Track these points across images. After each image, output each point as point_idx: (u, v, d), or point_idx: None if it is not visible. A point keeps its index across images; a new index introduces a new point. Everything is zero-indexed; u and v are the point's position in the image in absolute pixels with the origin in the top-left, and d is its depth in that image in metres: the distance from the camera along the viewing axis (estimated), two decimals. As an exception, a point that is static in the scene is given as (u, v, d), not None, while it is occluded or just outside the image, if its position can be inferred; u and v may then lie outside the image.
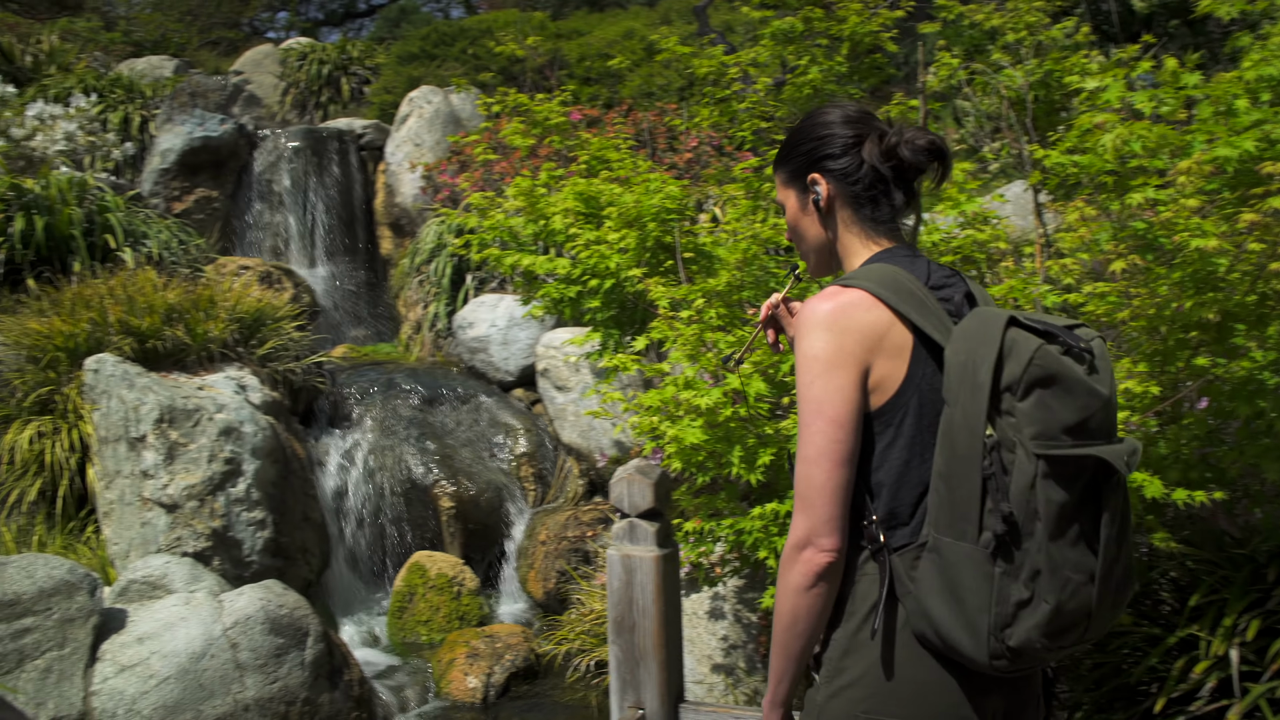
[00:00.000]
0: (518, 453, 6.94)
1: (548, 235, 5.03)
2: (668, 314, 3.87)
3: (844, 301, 1.76)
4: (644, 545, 3.28)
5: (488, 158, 6.69)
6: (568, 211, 4.90)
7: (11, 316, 6.19)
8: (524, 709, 4.97)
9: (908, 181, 1.90)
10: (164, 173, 10.13)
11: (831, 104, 1.97)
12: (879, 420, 1.76)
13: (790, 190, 1.99)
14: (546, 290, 4.95)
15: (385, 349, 9.31)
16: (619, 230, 4.55)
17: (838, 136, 1.89)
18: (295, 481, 6.00)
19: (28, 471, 5.63)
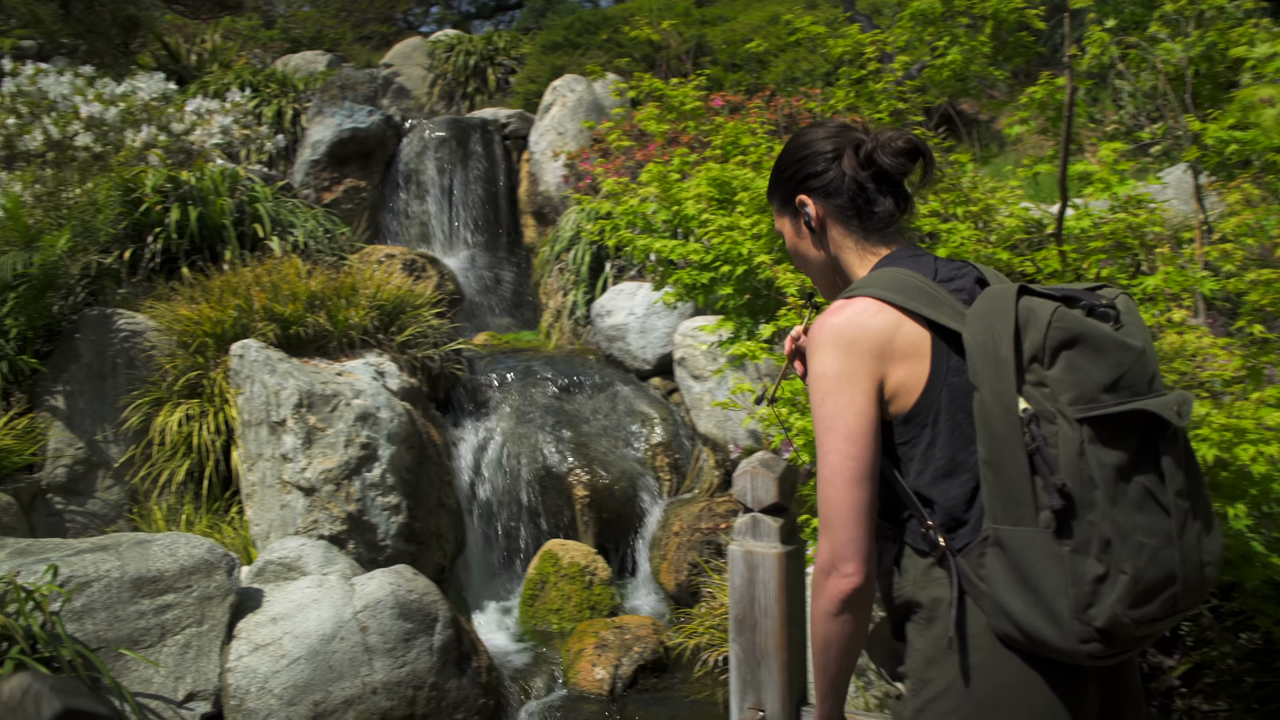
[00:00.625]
0: (653, 442, 6.87)
1: (681, 221, 4.94)
2: (796, 302, 3.73)
3: (849, 313, 1.72)
4: (767, 541, 3.17)
5: (622, 145, 6.63)
6: (700, 197, 4.81)
7: (164, 303, 6.40)
8: (650, 702, 4.90)
9: (894, 185, 1.87)
10: (314, 164, 10.40)
11: (812, 124, 1.97)
12: (911, 423, 1.70)
13: (785, 218, 2.00)
14: (679, 276, 4.86)
15: (527, 336, 9.37)
16: (751, 216, 4.43)
17: (818, 154, 1.88)
18: (431, 467, 6.05)
19: (177, 453, 5.81)
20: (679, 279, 4.85)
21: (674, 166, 5.12)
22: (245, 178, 7.82)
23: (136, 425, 5.90)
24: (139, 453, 5.91)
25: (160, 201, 7.24)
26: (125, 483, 5.92)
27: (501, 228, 10.97)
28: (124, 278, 6.94)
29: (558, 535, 6.37)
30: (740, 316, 4.74)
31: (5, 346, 5.81)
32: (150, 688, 4.17)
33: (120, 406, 5.93)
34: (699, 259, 4.70)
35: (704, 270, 4.81)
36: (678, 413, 7.06)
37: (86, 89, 8.91)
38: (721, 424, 6.57)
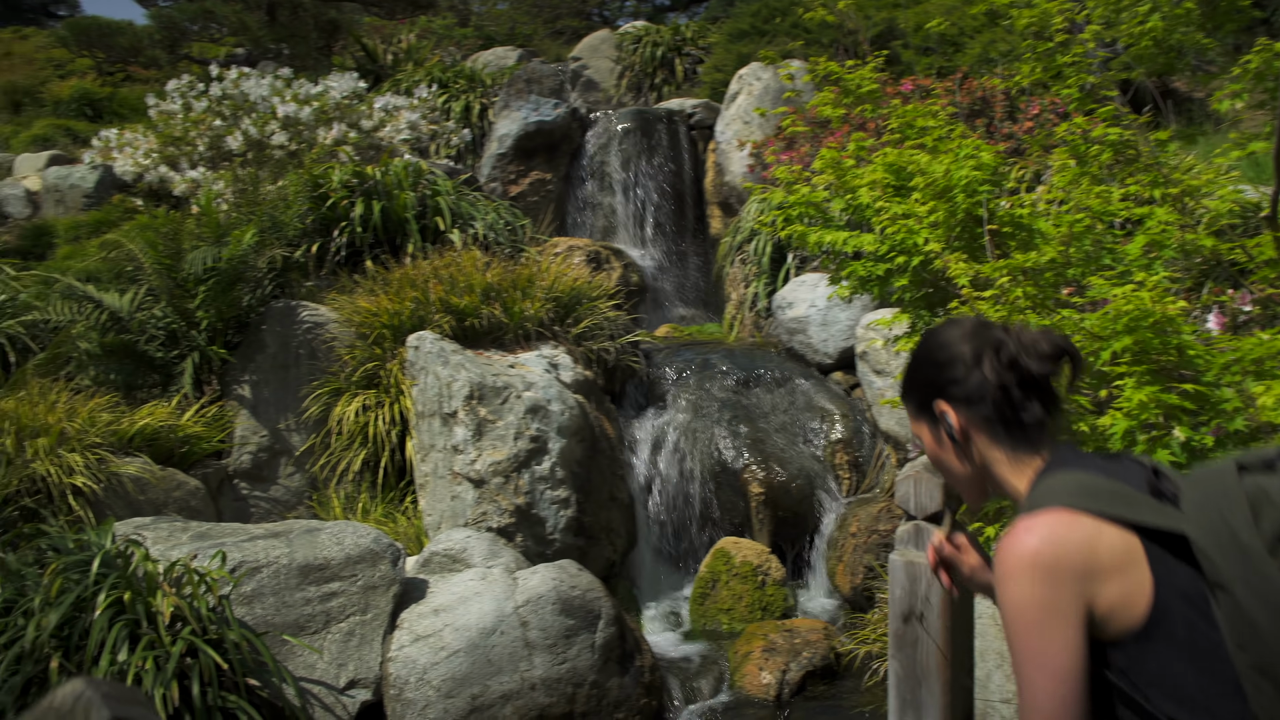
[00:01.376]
0: (833, 439, 6.62)
1: (855, 210, 4.70)
2: (970, 294, 3.45)
3: (1041, 533, 1.50)
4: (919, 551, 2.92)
5: (797, 129, 6.40)
6: (875, 184, 4.55)
7: (346, 295, 6.53)
8: (817, 711, 4.68)
9: (1042, 390, 1.71)
10: (500, 157, 10.51)
11: (949, 321, 1.82)
12: (1141, 643, 1.47)
13: (922, 423, 1.85)
14: (853, 268, 4.61)
15: (711, 329, 9.22)
16: (927, 203, 4.15)
17: (956, 358, 1.74)
18: (603, 461, 5.98)
19: (354, 442, 5.91)
20: (853, 271, 4.61)
21: (849, 152, 4.87)
22: (428, 172, 7.93)
23: (317, 414, 6.03)
24: (319, 441, 6.04)
25: (346, 196, 7.41)
26: (306, 470, 6.07)
27: (687, 219, 10.85)
28: (311, 271, 7.13)
29: (731, 533, 6.20)
30: (917, 309, 4.47)
31: (196, 338, 6.04)
32: (313, 673, 4.21)
33: (302, 396, 6.08)
34: (873, 250, 4.45)
35: (879, 261, 4.56)
36: (859, 408, 6.79)
37: (284, 90, 9.24)
38: (904, 421, 6.26)
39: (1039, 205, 4.42)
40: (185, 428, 5.76)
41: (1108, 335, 2.98)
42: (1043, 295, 3.50)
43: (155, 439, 5.62)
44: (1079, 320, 3.11)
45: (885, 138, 5.07)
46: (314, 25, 13.18)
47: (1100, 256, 3.99)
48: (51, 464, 5.04)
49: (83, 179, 10.00)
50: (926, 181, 4.08)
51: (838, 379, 7.16)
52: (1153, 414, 2.84)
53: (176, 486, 5.53)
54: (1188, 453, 2.84)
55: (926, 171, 4.11)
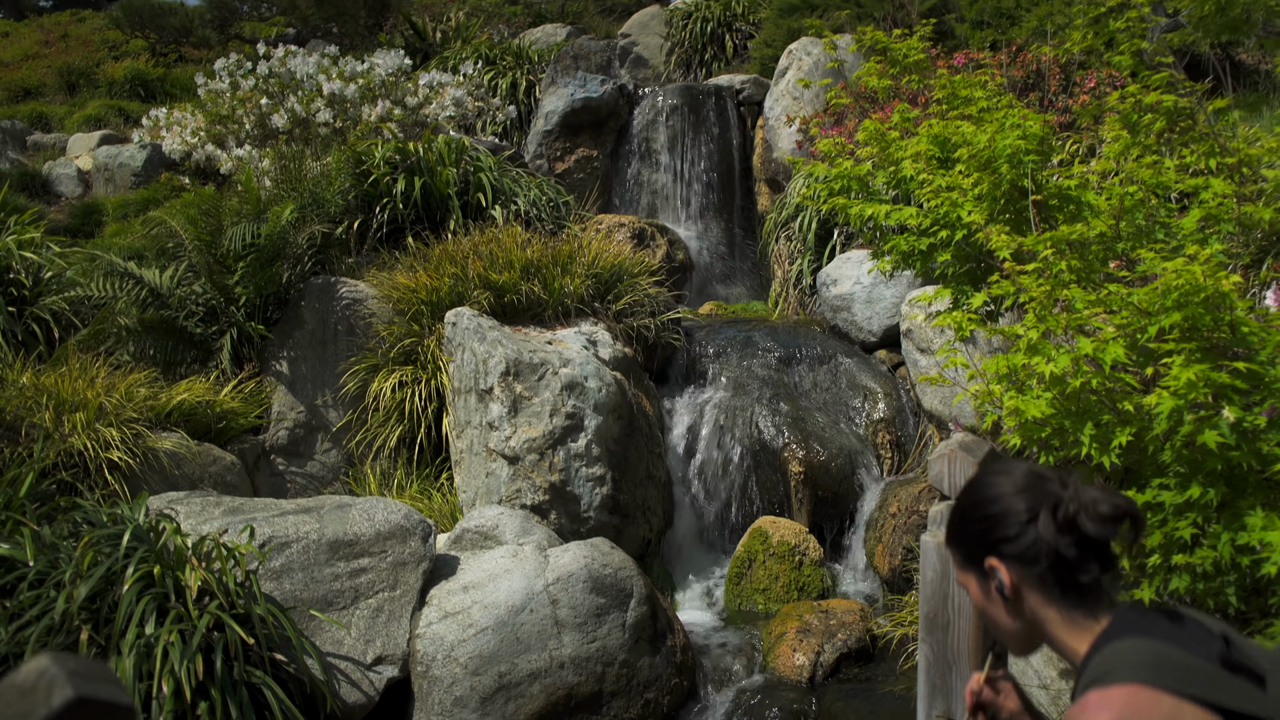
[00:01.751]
0: (875, 418, 6.49)
1: (899, 183, 4.58)
2: (1012, 268, 3.32)
3: (1122, 712, 1.39)
4: (965, 533, 2.82)
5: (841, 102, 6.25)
6: (919, 156, 4.42)
7: (385, 272, 6.50)
8: (851, 694, 4.58)
9: (1100, 551, 1.62)
10: (546, 134, 10.44)
11: (999, 469, 1.72)
12: None
13: (969, 574, 1.75)
14: (895, 243, 4.49)
15: (756, 306, 9.10)
16: (971, 175, 4.02)
17: (1010, 513, 1.65)
18: (640, 439, 5.90)
19: (390, 418, 5.89)
20: (895, 246, 4.49)
21: (893, 124, 4.74)
22: (471, 148, 7.88)
23: (354, 391, 6.02)
24: (355, 417, 6.03)
25: (388, 173, 7.38)
26: (342, 446, 6.06)
27: (735, 196, 10.73)
28: (352, 248, 7.11)
29: (770, 512, 6.10)
30: (959, 285, 4.34)
31: (235, 314, 6.04)
32: (341, 649, 4.19)
33: (339, 372, 6.07)
34: (915, 224, 4.33)
35: (922, 236, 4.44)
36: (903, 388, 6.65)
37: (330, 69, 9.24)
38: (947, 400, 6.13)
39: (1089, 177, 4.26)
40: (222, 403, 5.77)
41: (1156, 310, 2.84)
42: (1088, 269, 3.36)
43: (192, 414, 5.63)
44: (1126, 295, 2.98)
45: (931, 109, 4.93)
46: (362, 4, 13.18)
47: (1153, 230, 3.84)
48: (88, 438, 5.06)
49: (131, 158, 10.09)
50: (970, 152, 3.95)
51: (881, 357, 7.02)
52: (1201, 393, 2.70)
53: (212, 462, 5.54)
54: (1238, 434, 2.71)
55: (971, 142, 3.98)
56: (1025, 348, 3.16)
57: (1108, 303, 3.06)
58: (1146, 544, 2.72)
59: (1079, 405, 3.00)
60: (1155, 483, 2.79)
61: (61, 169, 10.91)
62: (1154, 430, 2.70)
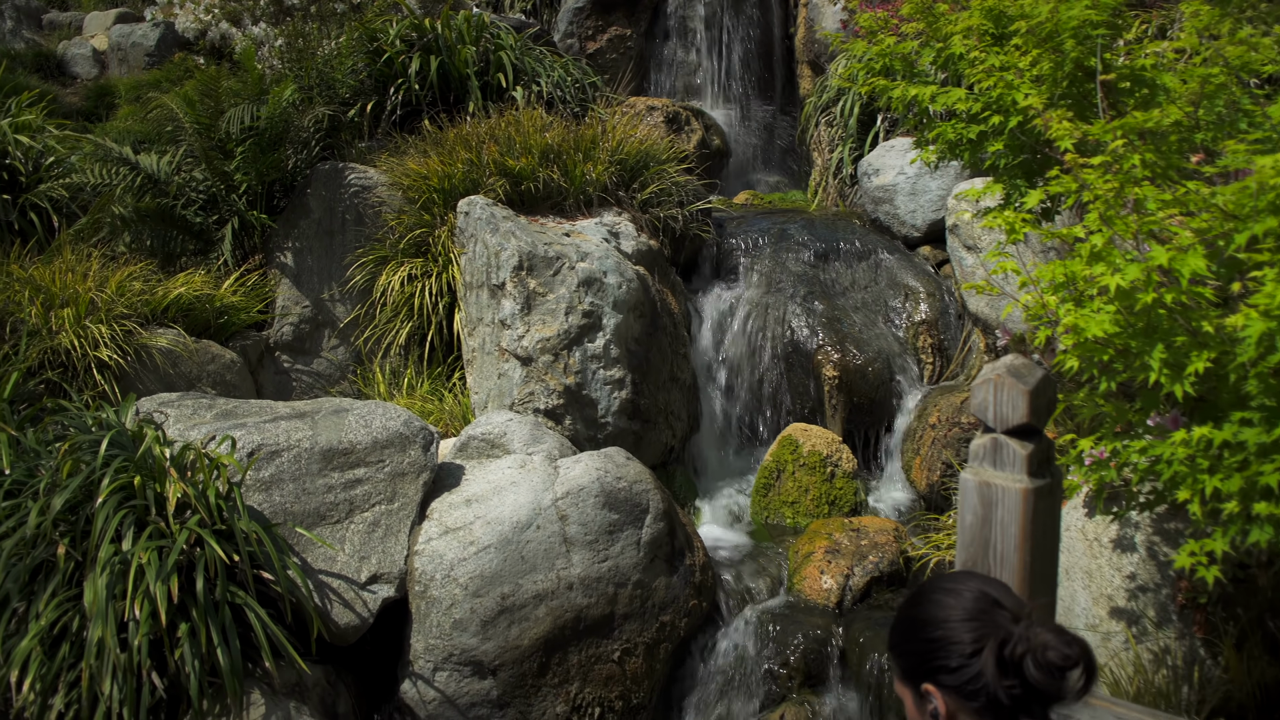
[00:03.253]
0: (916, 319, 6.09)
1: (947, 62, 4.11)
2: (1074, 160, 2.88)
3: None
4: (1010, 472, 2.46)
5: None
6: (970, 31, 3.95)
7: (396, 157, 6.12)
8: (880, 622, 4.26)
9: (1043, 697, 1.52)
10: (578, 12, 9.88)
11: (948, 586, 1.63)
12: None
13: (905, 688, 1.67)
14: (942, 130, 4.05)
15: (794, 196, 8.64)
16: (1030, 52, 3.56)
17: (953, 642, 1.56)
18: (664, 338, 5.54)
19: (400, 314, 5.57)
20: (941, 133, 4.04)
21: (942, -9, 4.25)
22: (491, 25, 7.39)
23: (361, 284, 5.70)
24: (363, 313, 5.72)
25: (403, 52, 6.94)
26: (350, 343, 5.76)
27: (775, 79, 10.16)
28: (365, 132, 6.72)
29: (801, 419, 5.77)
30: (1013, 179, 3.91)
31: (236, 202, 5.69)
32: (333, 566, 3.93)
33: (346, 265, 5.74)
34: (965, 108, 3.88)
35: (971, 122, 3.99)
36: (946, 287, 6.23)
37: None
38: (994, 303, 5.71)
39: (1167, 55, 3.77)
40: (223, 297, 5.47)
41: (1245, 214, 2.42)
42: (1165, 164, 2.91)
43: (190, 310, 5.34)
44: (1209, 196, 2.55)
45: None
46: None
47: (1236, 120, 3.37)
48: (76, 335, 4.78)
49: (144, 37, 9.68)
50: (1030, 25, 3.48)
51: (925, 254, 6.59)
52: (1297, 313, 2.31)
53: (211, 360, 5.25)
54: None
55: (1030, 14, 3.50)
56: (1087, 254, 2.75)
57: (1186, 203, 2.63)
58: (1222, 488, 2.34)
59: (1149, 323, 2.60)
60: (1236, 417, 2.40)
61: (77, 49, 10.51)
62: (1238, 357, 2.30)
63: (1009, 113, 3.64)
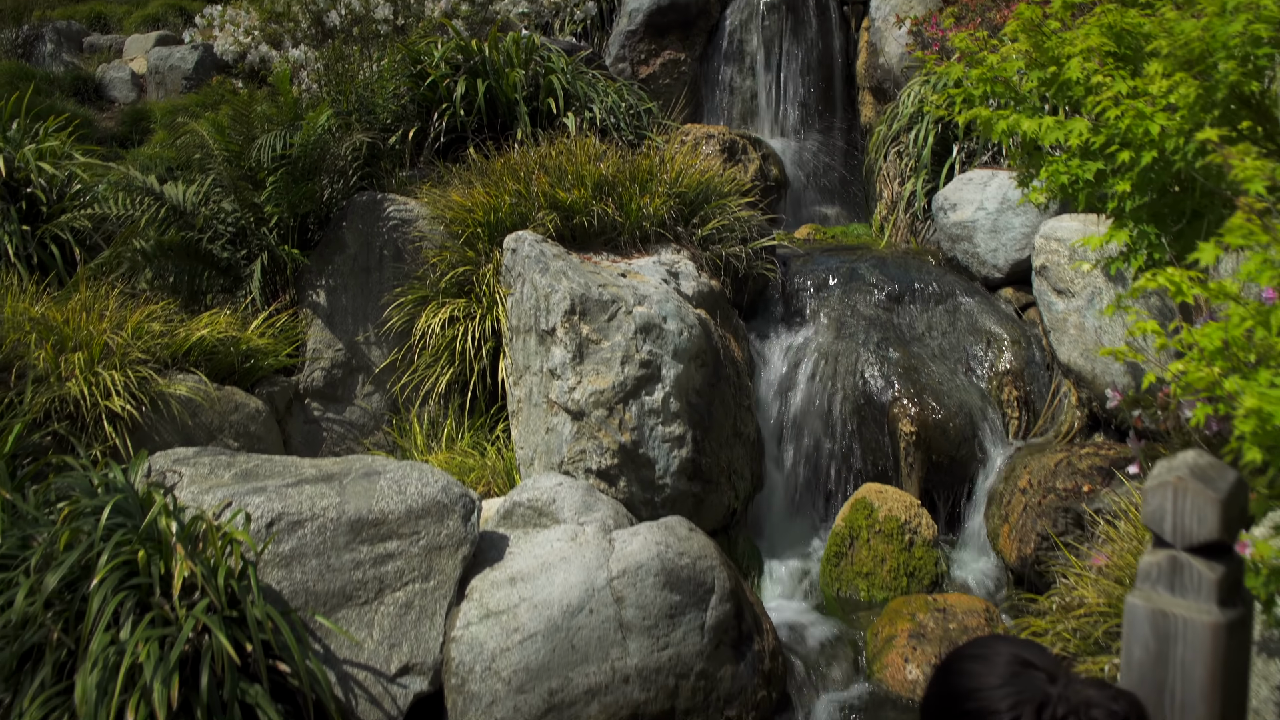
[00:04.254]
0: (999, 369, 5.58)
1: (1059, 89, 3.62)
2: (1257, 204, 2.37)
3: None
4: (1194, 600, 1.95)
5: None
6: (1089, 53, 3.46)
7: (438, 188, 5.69)
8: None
9: None
10: (630, 35, 9.48)
11: (977, 652, 1.54)
12: None
13: None
14: (1054, 167, 3.56)
15: (857, 230, 8.16)
16: (1170, 76, 3.06)
17: (989, 712, 1.44)
18: (726, 389, 5.06)
19: (440, 359, 5.13)
20: (1054, 171, 3.55)
21: (1054, 8, 3.77)
22: (542, 47, 6.98)
23: (399, 326, 5.27)
24: (400, 357, 5.29)
25: (448, 75, 6.53)
26: (386, 390, 5.33)
27: (835, 105, 9.69)
28: (406, 160, 6.31)
29: (875, 477, 5.26)
30: (1139, 224, 3.41)
31: (267, 236, 5.29)
32: (360, 655, 3.48)
33: (383, 305, 5.31)
34: (1081, 141, 3.39)
35: (1087, 158, 3.50)
36: (1033, 334, 5.71)
37: (395, -44, 8.35)
38: (1090, 353, 5.19)
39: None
40: (249, 340, 5.06)
41: None
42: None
43: (214, 353, 4.93)
44: None
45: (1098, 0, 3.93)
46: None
47: None
48: (86, 383, 4.37)
49: (182, 59, 9.38)
50: (1172, 44, 2.99)
51: (1007, 296, 6.07)
52: None
53: (234, 409, 4.83)
54: None
55: (1173, 31, 3.01)
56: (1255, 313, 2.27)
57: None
58: None
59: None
60: None
61: (115, 72, 10.24)
62: None
63: (1141, 147, 3.15)
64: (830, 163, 9.39)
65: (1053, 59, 3.65)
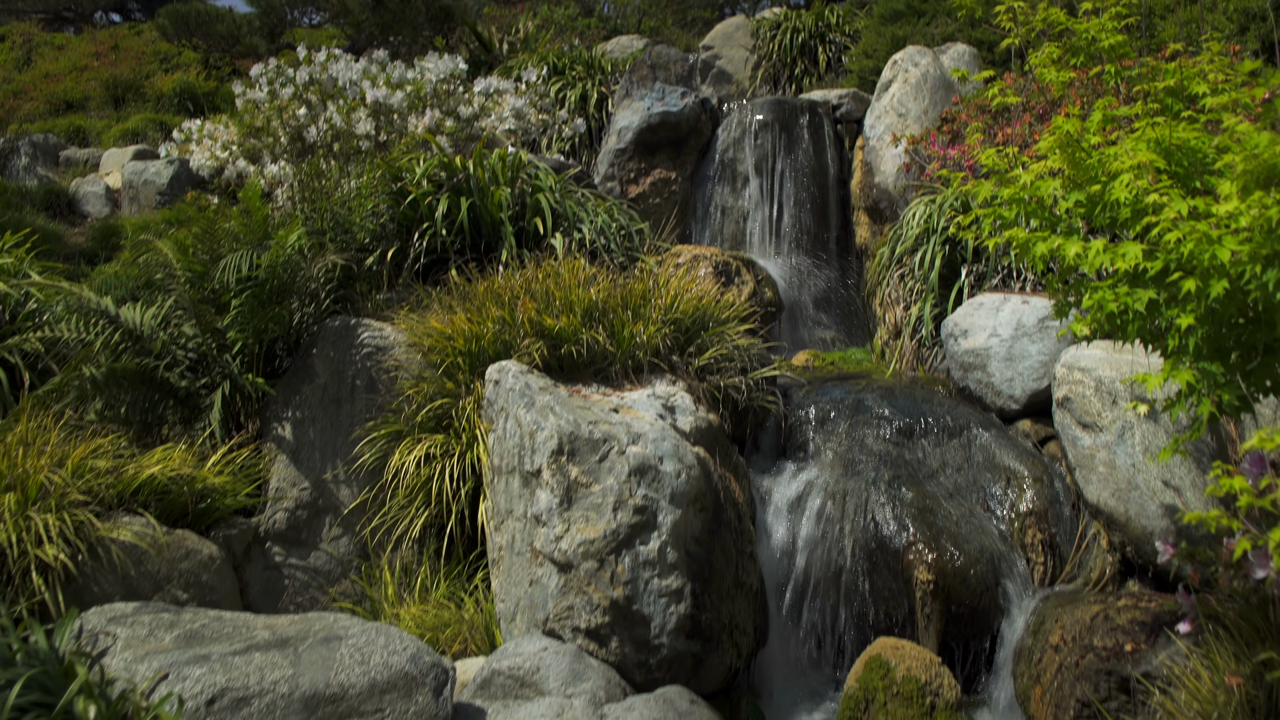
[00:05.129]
0: (1021, 509, 5.15)
1: (1103, 209, 3.28)
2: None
3: None
4: None
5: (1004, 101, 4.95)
6: (1140, 169, 3.12)
7: (416, 313, 5.31)
8: None
9: None
10: (619, 153, 9.25)
11: None
12: None
13: None
14: (1099, 295, 3.19)
15: (856, 355, 7.81)
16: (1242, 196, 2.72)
17: None
18: (727, 534, 4.62)
19: (414, 500, 4.68)
20: (1100, 301, 3.18)
21: (1093, 123, 3.45)
22: (529, 165, 6.68)
23: (371, 463, 4.83)
24: (371, 497, 4.84)
25: (430, 193, 6.21)
26: (355, 533, 4.86)
27: (830, 226, 9.44)
28: (385, 282, 5.94)
29: (889, 630, 4.79)
30: (1202, 362, 3.03)
31: (229, 363, 4.87)
32: None
33: (354, 440, 4.88)
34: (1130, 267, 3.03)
35: (1138, 285, 3.14)
36: (1055, 471, 5.30)
37: (378, 75, 8.12)
38: (1123, 494, 4.77)
39: None
40: (205, 477, 4.60)
41: None
42: None
43: (166, 492, 4.47)
44: None
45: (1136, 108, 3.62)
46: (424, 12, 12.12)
47: None
48: (15, 529, 3.90)
49: (157, 174, 9.09)
50: (1245, 158, 2.65)
51: (1025, 429, 5.67)
52: None
53: (185, 555, 4.35)
54: None
55: (1244, 141, 2.67)
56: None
57: None
58: None
59: None
60: None
61: (89, 187, 9.95)
62: None
63: (1208, 275, 2.79)
64: (826, 285, 9.10)
65: (1091, 178, 3.32)
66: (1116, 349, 5.17)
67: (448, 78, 8.01)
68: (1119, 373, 4.94)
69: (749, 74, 12.21)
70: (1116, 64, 3.85)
